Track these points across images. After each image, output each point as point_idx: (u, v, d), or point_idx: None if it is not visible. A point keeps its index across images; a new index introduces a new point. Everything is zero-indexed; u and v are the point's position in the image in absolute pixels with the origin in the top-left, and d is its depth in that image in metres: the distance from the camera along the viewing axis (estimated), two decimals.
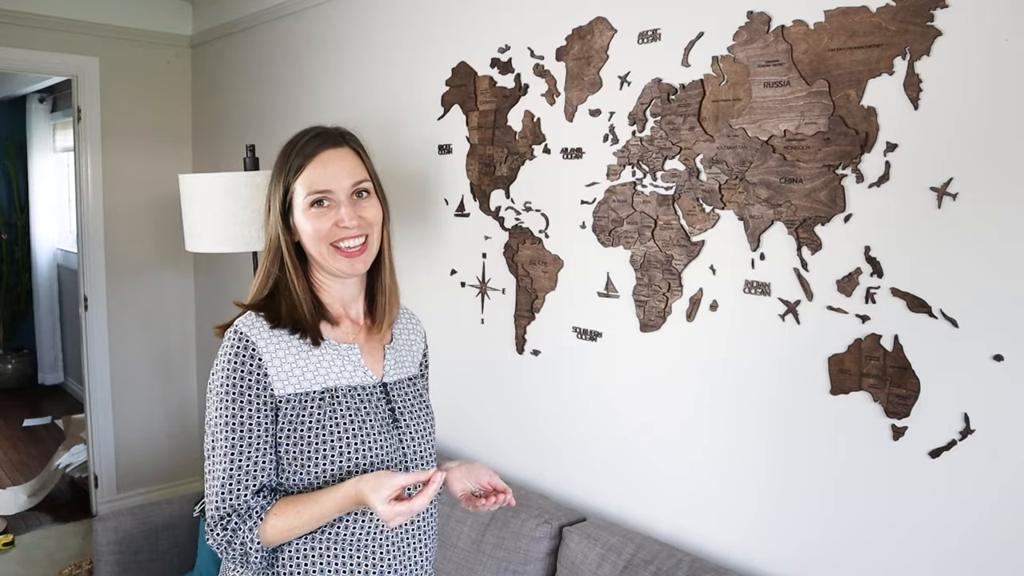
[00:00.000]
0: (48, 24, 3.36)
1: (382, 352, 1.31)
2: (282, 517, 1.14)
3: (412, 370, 1.36)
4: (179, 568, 2.41)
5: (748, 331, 1.67)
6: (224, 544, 1.15)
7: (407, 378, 1.33)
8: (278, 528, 1.14)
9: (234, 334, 1.18)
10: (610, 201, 1.92)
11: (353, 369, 1.24)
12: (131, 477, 3.80)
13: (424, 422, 1.31)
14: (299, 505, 1.15)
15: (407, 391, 1.31)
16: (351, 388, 1.22)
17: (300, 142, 1.23)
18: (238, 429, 1.15)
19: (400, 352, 1.34)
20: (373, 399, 1.24)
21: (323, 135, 1.23)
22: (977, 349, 1.35)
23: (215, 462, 1.16)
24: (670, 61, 1.77)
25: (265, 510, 1.15)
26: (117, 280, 3.71)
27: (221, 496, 1.15)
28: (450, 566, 1.99)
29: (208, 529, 1.17)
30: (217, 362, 1.18)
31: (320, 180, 1.20)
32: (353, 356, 1.25)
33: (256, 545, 1.14)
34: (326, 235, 1.19)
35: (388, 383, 1.28)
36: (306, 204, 1.20)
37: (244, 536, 1.14)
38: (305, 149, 1.21)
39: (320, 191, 1.20)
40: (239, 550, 1.15)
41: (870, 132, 1.45)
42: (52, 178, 5.88)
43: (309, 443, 1.17)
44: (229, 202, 2.34)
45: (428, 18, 2.42)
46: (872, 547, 1.50)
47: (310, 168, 1.20)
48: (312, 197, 1.20)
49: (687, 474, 1.82)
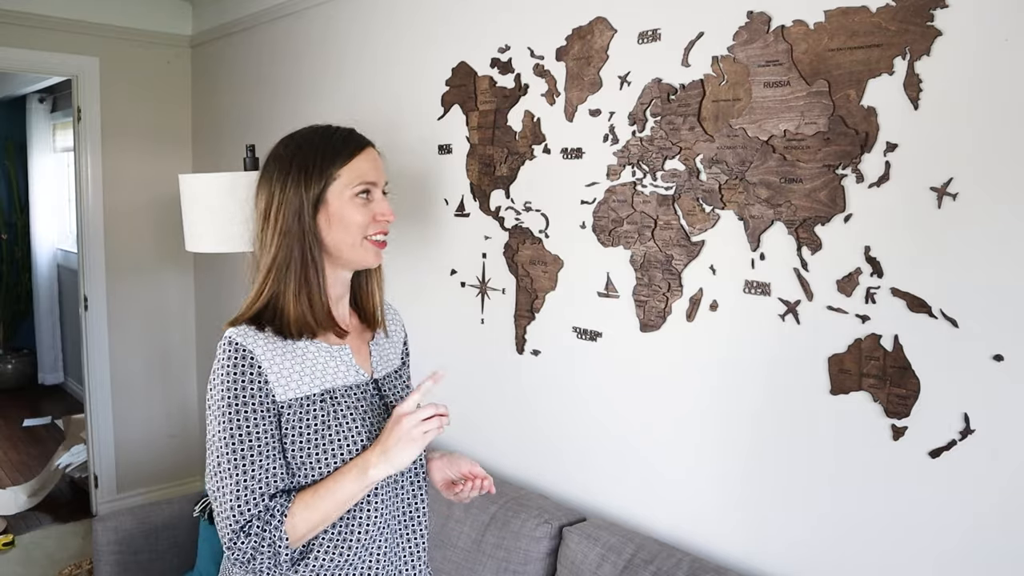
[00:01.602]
0: (48, 24, 3.36)
1: (368, 350, 1.33)
2: (309, 509, 1.14)
3: (396, 362, 1.39)
4: (179, 568, 2.41)
5: (748, 331, 1.67)
6: (250, 552, 1.12)
7: (393, 371, 1.37)
8: (307, 519, 1.14)
9: (229, 345, 1.16)
10: (610, 201, 1.92)
11: (346, 369, 1.25)
12: (131, 477, 3.80)
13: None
14: (320, 492, 1.14)
15: (395, 384, 1.35)
16: (347, 388, 1.23)
17: (339, 134, 1.24)
18: (244, 439, 1.13)
19: (383, 347, 1.37)
20: (368, 396, 1.26)
21: (356, 133, 1.26)
22: (977, 349, 1.35)
23: (224, 475, 1.13)
24: (670, 61, 1.77)
25: (286, 507, 1.14)
26: (117, 280, 3.71)
27: (237, 507, 1.12)
28: (450, 566, 1.99)
29: (230, 544, 1.12)
30: (214, 375, 1.16)
31: (369, 171, 1.22)
32: (344, 357, 1.26)
33: (286, 542, 1.12)
34: (364, 225, 1.21)
35: (379, 379, 1.31)
36: (352, 193, 1.20)
37: (272, 535, 1.12)
38: (351, 139, 1.23)
39: (369, 182, 1.22)
40: (268, 553, 1.12)
41: (870, 132, 1.45)
42: (52, 178, 5.88)
43: (316, 445, 1.17)
44: (229, 202, 2.34)
45: (428, 18, 2.42)
46: (872, 547, 1.50)
47: (360, 158, 1.22)
48: (361, 187, 1.21)
49: (687, 474, 1.82)
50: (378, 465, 1.15)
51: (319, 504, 1.14)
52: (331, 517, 1.16)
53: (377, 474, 1.15)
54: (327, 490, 1.15)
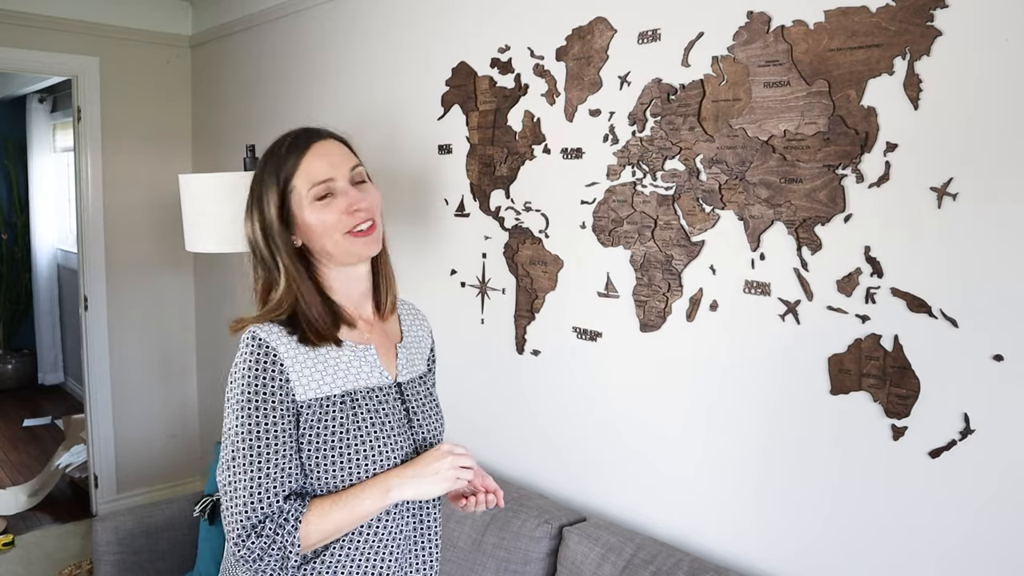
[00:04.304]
0: (48, 24, 3.36)
1: (394, 351, 1.30)
2: (325, 517, 1.12)
3: (421, 367, 1.36)
4: (179, 568, 2.41)
5: (748, 331, 1.67)
6: (259, 553, 1.10)
7: (418, 376, 1.33)
8: (321, 528, 1.12)
9: (252, 340, 1.15)
10: (610, 201, 1.92)
11: (370, 370, 1.23)
12: (131, 477, 3.80)
13: (435, 420, 1.32)
14: (340, 503, 1.13)
15: (419, 390, 1.31)
16: (370, 390, 1.21)
17: (286, 143, 1.21)
18: (262, 436, 1.12)
19: (411, 350, 1.34)
20: (390, 400, 1.24)
21: (307, 131, 1.23)
22: (977, 349, 1.35)
23: (239, 470, 1.12)
24: (670, 61, 1.77)
25: (301, 512, 1.12)
26: (117, 280, 3.71)
27: (250, 505, 1.10)
28: (450, 566, 1.99)
29: (239, 541, 1.11)
30: (235, 369, 1.16)
31: (320, 170, 1.18)
32: (370, 357, 1.24)
33: (297, 548, 1.11)
34: (337, 224, 1.18)
35: (402, 383, 1.28)
36: (311, 198, 1.18)
37: (285, 539, 1.10)
38: (297, 144, 1.20)
39: (323, 180, 1.18)
40: (276, 555, 1.10)
41: (870, 132, 1.45)
42: (52, 178, 5.88)
43: (333, 447, 1.15)
44: (229, 202, 2.34)
45: (428, 18, 2.42)
46: (872, 547, 1.50)
47: (307, 160, 1.18)
48: (317, 189, 1.18)
49: (686, 474, 1.82)
50: (402, 487, 1.15)
51: (335, 515, 1.13)
52: (344, 529, 1.15)
53: (398, 495, 1.15)
54: (345, 503, 1.13)
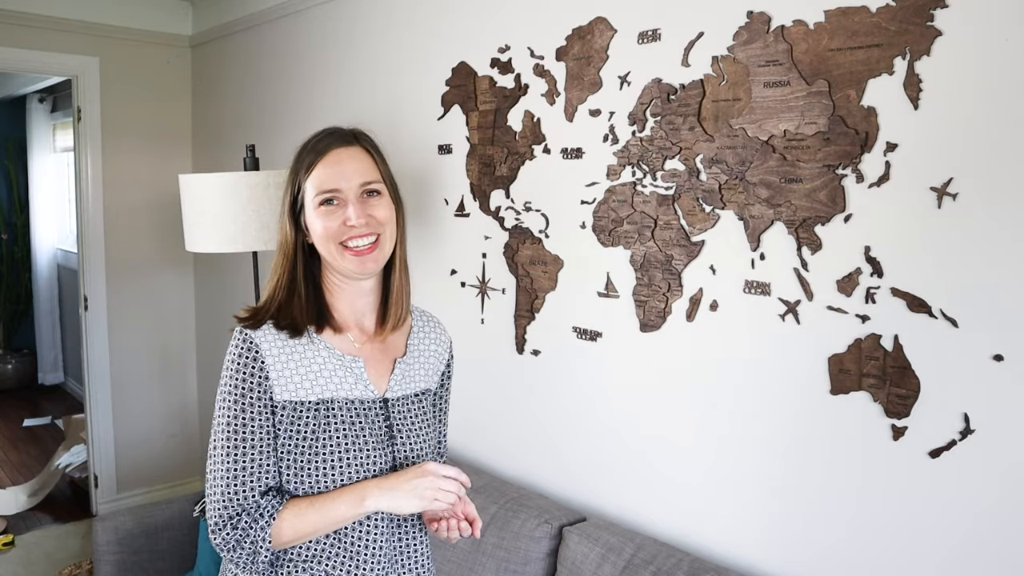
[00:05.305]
0: (48, 24, 3.36)
1: (391, 366, 1.27)
2: (300, 517, 1.14)
3: (424, 384, 1.32)
4: (179, 568, 2.41)
5: (748, 331, 1.67)
6: (232, 543, 1.14)
7: (414, 393, 1.29)
8: (295, 528, 1.14)
9: (240, 335, 1.18)
10: (610, 201, 1.92)
11: (354, 382, 1.22)
12: (131, 477, 3.80)
13: (422, 440, 1.27)
14: (316, 505, 1.15)
15: (411, 407, 1.27)
16: (348, 401, 1.20)
17: (312, 141, 1.23)
18: (240, 430, 1.15)
19: (412, 366, 1.30)
20: (371, 414, 1.22)
21: (335, 134, 1.23)
22: (977, 349, 1.35)
23: (217, 461, 1.16)
24: (670, 61, 1.77)
25: (276, 509, 1.15)
26: (117, 280, 3.71)
27: (228, 496, 1.14)
28: (450, 566, 1.99)
29: (215, 529, 1.15)
30: (225, 363, 1.19)
31: (328, 179, 1.19)
32: (356, 369, 1.22)
33: (268, 544, 1.13)
34: (335, 234, 1.18)
35: (390, 399, 1.25)
36: (315, 203, 1.19)
37: (256, 535, 1.13)
38: (316, 147, 1.21)
39: (328, 190, 1.19)
40: (248, 549, 1.14)
41: (870, 132, 1.45)
42: (52, 178, 5.88)
43: (302, 452, 1.17)
44: (229, 202, 2.34)
45: (428, 18, 2.42)
46: (871, 546, 1.50)
47: (320, 167, 1.19)
48: (321, 196, 1.19)
49: (686, 474, 1.82)
50: (379, 498, 1.15)
51: (311, 516, 1.15)
52: (319, 531, 1.16)
53: (374, 505, 1.15)
54: (321, 505, 1.15)
